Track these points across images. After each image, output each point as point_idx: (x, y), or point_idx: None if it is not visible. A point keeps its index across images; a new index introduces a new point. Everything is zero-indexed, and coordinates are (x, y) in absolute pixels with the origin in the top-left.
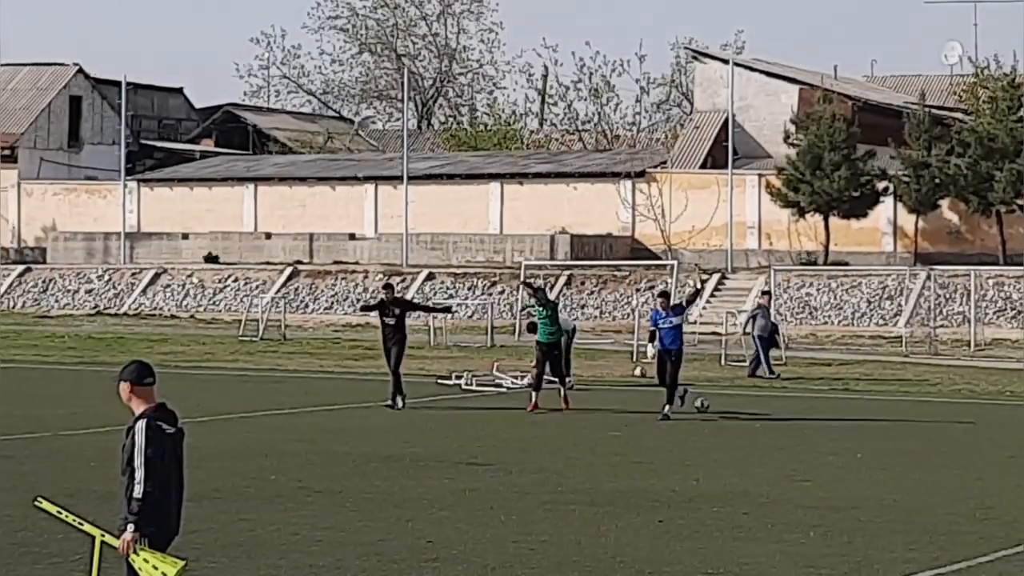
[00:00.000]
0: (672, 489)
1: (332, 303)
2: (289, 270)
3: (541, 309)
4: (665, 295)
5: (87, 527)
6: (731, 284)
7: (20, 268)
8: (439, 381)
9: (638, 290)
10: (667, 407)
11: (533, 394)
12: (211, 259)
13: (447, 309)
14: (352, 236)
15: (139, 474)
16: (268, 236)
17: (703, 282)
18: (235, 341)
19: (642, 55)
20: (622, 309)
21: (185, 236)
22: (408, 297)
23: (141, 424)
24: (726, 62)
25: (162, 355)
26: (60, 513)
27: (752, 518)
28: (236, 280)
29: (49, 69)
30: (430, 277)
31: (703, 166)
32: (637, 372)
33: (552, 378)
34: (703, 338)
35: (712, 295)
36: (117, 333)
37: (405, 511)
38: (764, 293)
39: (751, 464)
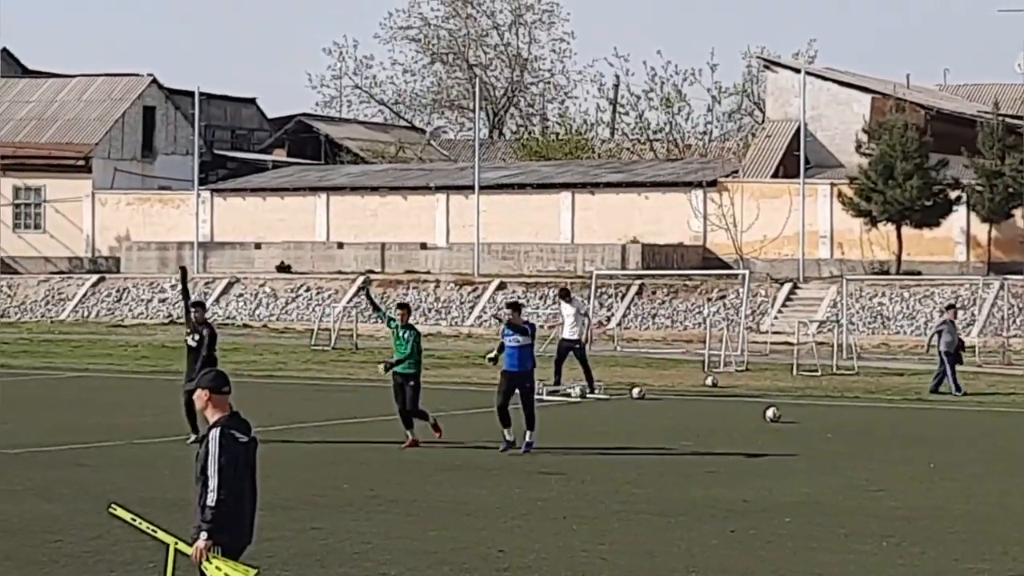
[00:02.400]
0: (744, 499)
1: None
2: (361, 279)
3: (403, 333)
4: (514, 306)
5: (161, 534)
6: (803, 294)
7: (94, 277)
8: None
9: (709, 300)
10: (530, 433)
11: (407, 432)
12: (283, 268)
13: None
14: (424, 245)
15: (213, 482)
16: (340, 246)
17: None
18: (307, 350)
19: (714, 64)
20: (693, 319)
21: (258, 246)
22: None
23: (215, 432)
24: (798, 71)
25: (234, 364)
26: (134, 520)
27: (824, 528)
28: (308, 289)
29: (123, 80)
30: (501, 287)
31: (775, 175)
32: (708, 382)
33: (414, 418)
34: (775, 348)
35: (784, 305)
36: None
37: (477, 520)
38: (949, 307)
39: (823, 474)
